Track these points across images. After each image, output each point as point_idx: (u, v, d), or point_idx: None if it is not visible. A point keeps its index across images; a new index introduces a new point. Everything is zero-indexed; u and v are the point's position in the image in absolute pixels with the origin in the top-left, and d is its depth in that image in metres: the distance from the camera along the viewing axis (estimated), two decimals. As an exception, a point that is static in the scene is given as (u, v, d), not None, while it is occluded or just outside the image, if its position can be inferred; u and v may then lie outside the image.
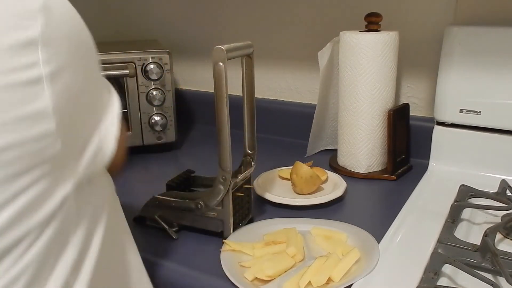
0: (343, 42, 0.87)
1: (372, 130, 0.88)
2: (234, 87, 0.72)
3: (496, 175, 0.81)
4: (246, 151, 0.72)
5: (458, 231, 0.67)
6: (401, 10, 0.94)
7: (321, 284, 0.56)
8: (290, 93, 1.14)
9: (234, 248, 0.64)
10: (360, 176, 0.90)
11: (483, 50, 0.81)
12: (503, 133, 0.83)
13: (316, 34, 1.05)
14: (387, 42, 0.84)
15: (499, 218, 0.70)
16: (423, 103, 0.98)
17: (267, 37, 1.12)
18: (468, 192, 0.77)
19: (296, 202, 0.77)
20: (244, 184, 0.70)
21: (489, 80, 0.81)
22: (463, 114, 0.85)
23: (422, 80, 0.97)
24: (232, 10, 1.16)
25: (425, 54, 0.94)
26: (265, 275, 0.58)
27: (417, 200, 0.78)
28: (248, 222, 0.72)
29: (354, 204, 0.80)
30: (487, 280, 0.52)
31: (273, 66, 1.14)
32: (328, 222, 0.71)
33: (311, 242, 0.66)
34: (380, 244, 0.64)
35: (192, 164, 0.85)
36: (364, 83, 0.86)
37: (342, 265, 0.58)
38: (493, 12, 0.85)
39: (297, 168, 0.80)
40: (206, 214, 0.67)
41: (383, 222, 0.70)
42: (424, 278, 0.55)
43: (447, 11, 0.90)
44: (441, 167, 0.88)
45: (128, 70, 0.96)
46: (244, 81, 0.69)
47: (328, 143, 1.04)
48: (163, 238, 0.69)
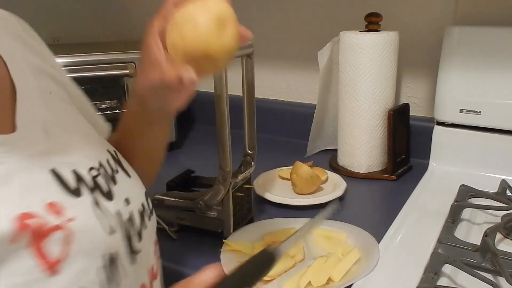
0: (343, 42, 0.87)
1: (372, 130, 0.88)
2: (234, 87, 0.72)
3: (496, 175, 0.81)
4: (246, 151, 0.72)
5: (458, 231, 0.67)
6: (401, 10, 0.94)
7: (321, 284, 0.56)
8: (290, 93, 1.14)
9: (234, 248, 0.64)
10: (360, 176, 0.90)
11: (483, 50, 0.81)
12: (503, 133, 0.83)
13: (316, 34, 1.05)
14: (387, 42, 0.84)
15: (499, 218, 0.70)
16: (423, 103, 0.98)
17: (267, 37, 1.12)
18: (468, 192, 0.77)
19: (296, 202, 0.77)
20: (244, 184, 0.70)
21: (489, 80, 0.81)
22: (463, 114, 0.85)
23: (422, 80, 0.97)
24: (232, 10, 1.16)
25: (425, 54, 0.94)
26: (265, 275, 0.58)
27: (417, 200, 0.78)
28: (248, 222, 0.72)
29: (354, 204, 0.80)
30: (487, 280, 0.52)
31: (273, 66, 1.14)
32: (328, 222, 0.71)
33: (311, 242, 0.66)
34: (380, 244, 0.64)
35: (192, 164, 0.85)
36: (364, 83, 0.86)
37: (342, 265, 0.58)
38: (493, 12, 0.85)
39: (297, 168, 0.80)
40: (206, 214, 0.67)
41: (383, 222, 0.70)
42: (424, 278, 0.55)
43: (447, 11, 0.90)
44: (441, 167, 0.88)
45: (128, 70, 0.96)
46: (244, 81, 0.69)
47: (328, 143, 1.04)
48: (163, 238, 0.69)
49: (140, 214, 0.45)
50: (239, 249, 0.63)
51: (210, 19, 0.41)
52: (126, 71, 0.96)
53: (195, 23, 0.41)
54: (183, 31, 0.42)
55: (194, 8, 0.42)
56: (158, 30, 0.44)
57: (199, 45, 0.41)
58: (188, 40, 0.41)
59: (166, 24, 0.43)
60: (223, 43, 0.42)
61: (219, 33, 0.41)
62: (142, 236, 0.44)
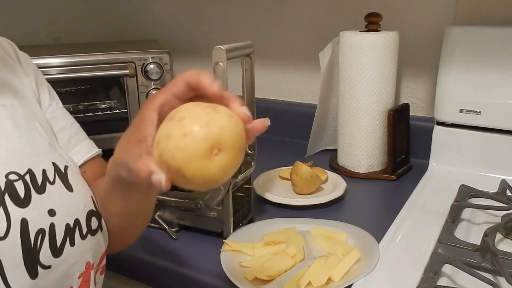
0: (343, 42, 0.87)
1: (372, 130, 0.88)
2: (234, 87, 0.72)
3: (496, 175, 0.81)
4: (246, 151, 0.72)
5: (458, 231, 0.67)
6: (401, 10, 0.94)
7: (321, 284, 0.56)
8: (290, 93, 1.14)
9: (234, 248, 0.63)
10: (360, 176, 0.90)
11: (483, 50, 0.81)
12: (503, 133, 0.83)
13: (316, 34, 1.05)
14: (387, 42, 0.84)
15: (499, 218, 0.70)
16: (423, 103, 0.98)
17: (267, 37, 1.12)
18: (468, 192, 0.77)
19: (296, 202, 0.77)
20: (244, 184, 0.70)
21: (489, 80, 0.81)
22: (463, 114, 0.85)
23: (422, 80, 0.97)
24: (232, 10, 1.16)
25: (425, 54, 0.94)
26: (265, 275, 0.58)
27: (417, 200, 0.78)
28: (248, 222, 0.72)
29: (354, 204, 0.80)
30: (487, 280, 0.52)
31: (273, 66, 1.14)
32: (328, 222, 0.71)
33: (311, 242, 0.66)
34: (380, 244, 0.64)
35: (192, 164, 0.85)
36: (364, 83, 0.86)
37: (342, 265, 0.58)
38: (493, 12, 0.85)
39: (297, 168, 0.80)
40: (206, 214, 0.67)
41: (383, 222, 0.70)
42: (424, 278, 0.55)
43: (447, 11, 0.90)
44: (441, 167, 0.88)
45: (128, 70, 0.96)
46: (244, 81, 0.69)
47: (328, 143, 1.04)
48: (163, 238, 0.69)
49: (67, 229, 0.44)
50: (239, 249, 0.63)
51: (202, 140, 0.36)
52: (126, 71, 0.96)
53: (185, 135, 0.36)
54: (171, 134, 0.37)
55: (195, 117, 0.37)
56: (159, 104, 0.41)
57: (177, 159, 0.36)
58: (170, 146, 0.36)
59: (167, 107, 0.40)
60: (204, 170, 0.37)
61: (205, 159, 0.36)
62: (63, 252, 0.43)
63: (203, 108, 0.38)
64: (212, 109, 0.38)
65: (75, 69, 0.94)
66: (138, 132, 0.41)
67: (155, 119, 0.40)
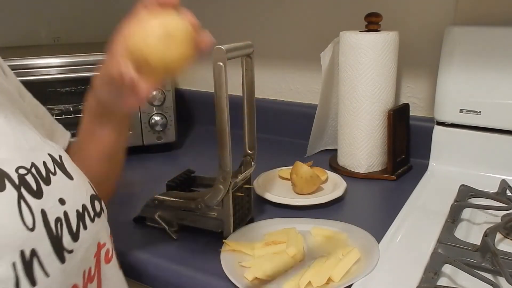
0: (343, 42, 0.87)
1: (372, 130, 0.88)
2: (234, 87, 0.72)
3: (496, 175, 0.81)
4: (246, 151, 0.72)
5: (458, 231, 0.67)
6: (401, 10, 0.94)
7: (321, 284, 0.56)
8: (290, 93, 1.14)
9: (234, 248, 0.64)
10: (360, 176, 0.90)
11: (483, 50, 0.81)
12: (503, 133, 0.83)
13: (316, 34, 1.05)
14: (387, 42, 0.84)
15: (499, 218, 0.70)
16: (423, 103, 0.98)
17: (267, 37, 1.12)
18: (468, 192, 0.77)
19: (296, 202, 0.77)
20: (244, 184, 0.70)
21: (489, 80, 0.81)
22: (463, 114, 0.85)
23: (422, 80, 0.97)
24: (232, 10, 1.16)
25: (425, 54, 0.94)
26: (265, 275, 0.58)
27: (417, 200, 0.78)
28: (248, 222, 0.72)
29: (354, 204, 0.80)
30: (487, 280, 0.52)
31: (273, 66, 1.14)
32: (328, 222, 0.71)
33: (311, 242, 0.66)
34: (380, 244, 0.64)
35: (192, 164, 0.85)
36: (364, 83, 0.86)
37: (342, 265, 0.58)
38: (493, 12, 0.85)
39: (297, 168, 0.80)
40: (206, 214, 0.67)
41: (383, 222, 0.70)
42: (424, 278, 0.55)
43: (447, 11, 0.90)
44: (441, 167, 0.88)
45: (128, 70, 0.96)
46: (244, 81, 0.69)
47: (328, 143, 1.04)
48: (163, 238, 0.69)
49: (78, 215, 0.46)
50: (239, 249, 0.63)
51: (159, 31, 0.46)
52: (126, 71, 0.96)
53: (146, 29, 0.47)
54: (134, 32, 0.48)
55: (152, 15, 0.48)
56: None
57: (142, 49, 0.47)
58: (134, 40, 0.47)
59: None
60: (164, 56, 0.46)
61: (164, 47, 0.46)
62: (79, 237, 0.45)
63: (159, 12, 0.48)
64: (167, 12, 0.48)
65: (75, 69, 0.94)
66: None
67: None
